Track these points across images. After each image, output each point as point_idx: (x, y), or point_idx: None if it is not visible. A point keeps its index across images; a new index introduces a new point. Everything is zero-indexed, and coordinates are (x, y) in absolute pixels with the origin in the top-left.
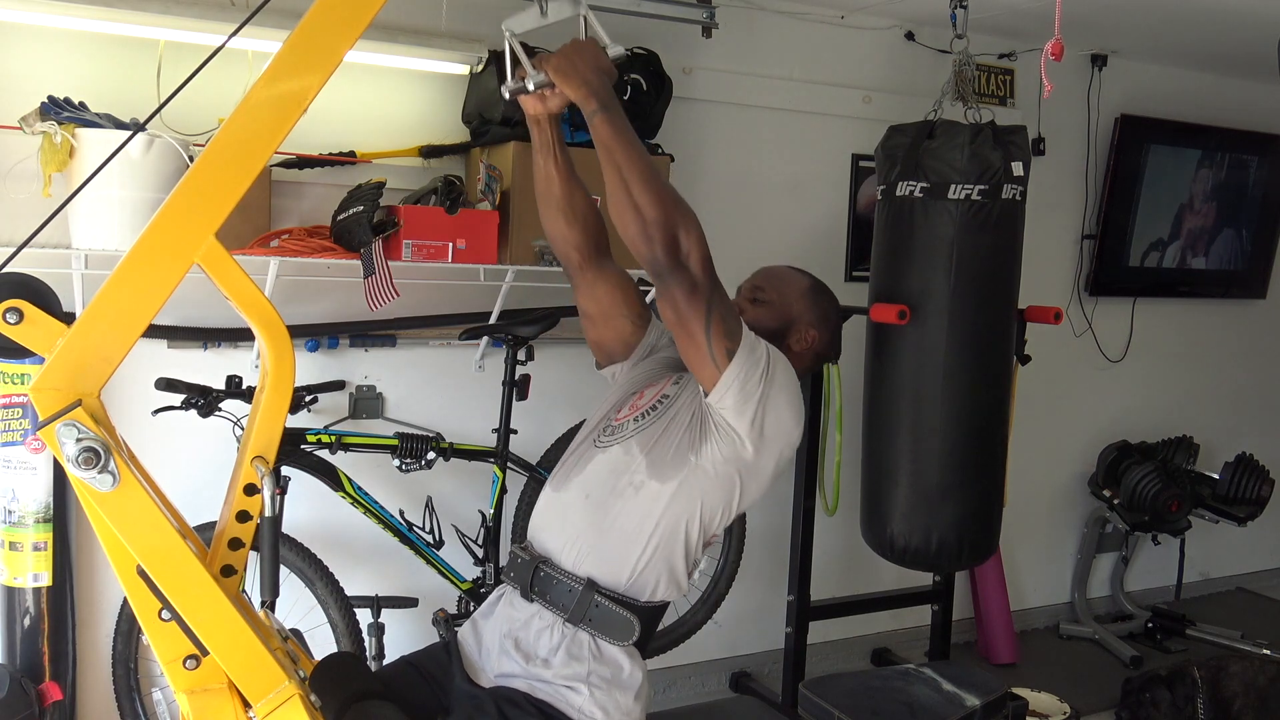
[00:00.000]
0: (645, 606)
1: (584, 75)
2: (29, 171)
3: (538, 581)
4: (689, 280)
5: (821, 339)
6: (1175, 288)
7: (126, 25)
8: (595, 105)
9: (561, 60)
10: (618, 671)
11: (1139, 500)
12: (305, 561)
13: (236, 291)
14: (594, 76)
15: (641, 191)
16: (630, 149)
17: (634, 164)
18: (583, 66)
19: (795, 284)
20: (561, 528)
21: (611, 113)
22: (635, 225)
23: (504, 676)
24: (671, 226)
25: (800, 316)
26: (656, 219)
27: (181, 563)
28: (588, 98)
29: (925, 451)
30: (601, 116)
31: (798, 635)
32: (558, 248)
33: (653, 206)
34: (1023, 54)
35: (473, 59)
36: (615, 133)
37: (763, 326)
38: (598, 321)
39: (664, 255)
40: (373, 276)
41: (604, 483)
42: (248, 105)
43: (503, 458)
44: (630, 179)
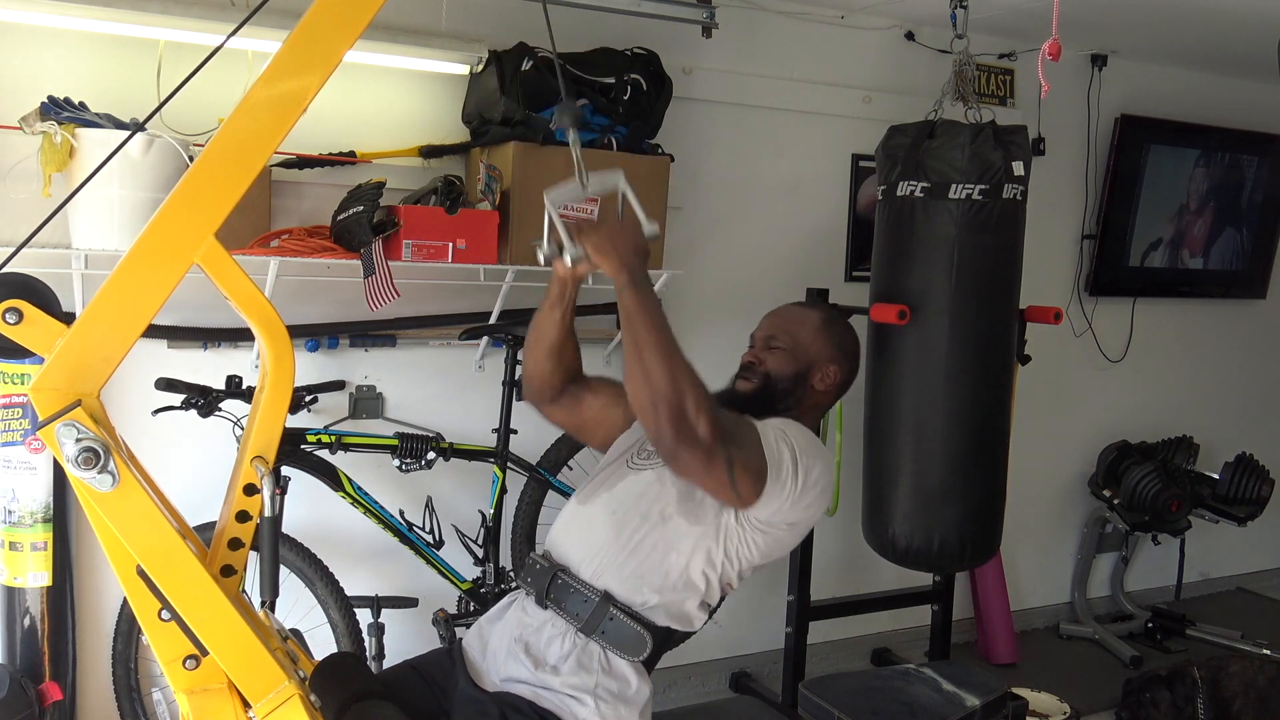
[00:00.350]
0: (659, 628)
1: (623, 257)
2: (29, 171)
3: (554, 589)
4: (701, 450)
5: (843, 371)
6: (1175, 288)
7: (126, 25)
8: (626, 281)
9: (601, 240)
10: (624, 686)
11: (1139, 500)
12: (305, 561)
13: (236, 291)
14: (632, 257)
15: (654, 362)
16: (652, 324)
17: (652, 338)
18: (622, 247)
19: (808, 323)
20: (584, 540)
21: (640, 290)
22: (644, 395)
23: (509, 680)
24: (678, 398)
25: (819, 355)
26: (662, 393)
27: (181, 563)
28: (620, 274)
29: (926, 452)
30: (630, 292)
31: (798, 635)
32: (532, 384)
33: (661, 380)
34: (1023, 54)
35: (473, 59)
36: (641, 309)
37: (785, 375)
38: (593, 428)
39: (669, 429)
40: (373, 276)
41: (633, 505)
42: (248, 105)
43: (503, 458)
44: (645, 350)
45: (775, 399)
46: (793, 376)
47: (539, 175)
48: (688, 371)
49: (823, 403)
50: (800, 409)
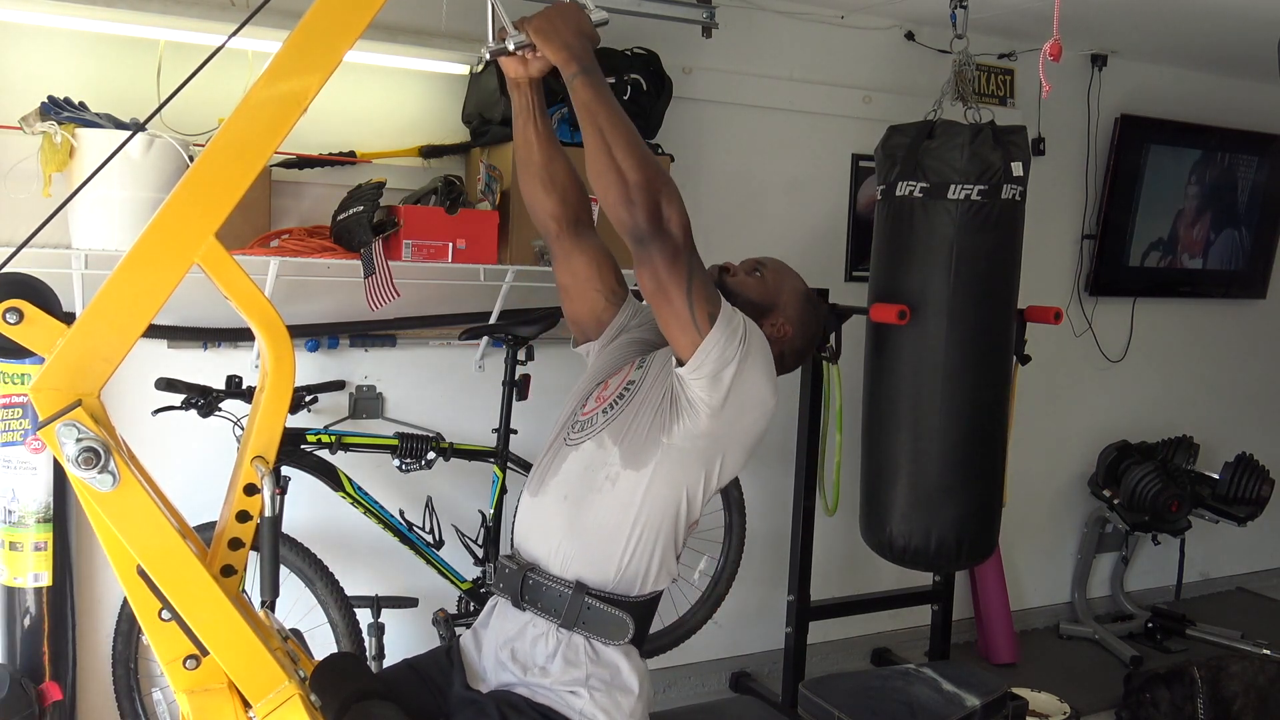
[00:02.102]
0: (638, 601)
1: (565, 37)
2: (29, 171)
3: (527, 590)
4: (671, 246)
5: (793, 341)
6: (1175, 288)
7: (126, 25)
8: (576, 68)
9: (542, 22)
10: (615, 672)
11: (1139, 500)
12: (305, 561)
13: (236, 291)
14: (575, 39)
15: (624, 155)
16: (612, 112)
17: (616, 127)
18: (564, 28)
19: (793, 281)
20: (545, 533)
21: (592, 76)
22: (617, 188)
23: (503, 685)
24: (653, 190)
25: (784, 307)
26: (639, 182)
27: (181, 563)
28: (568, 60)
29: (925, 451)
30: (582, 79)
31: (798, 635)
32: (536, 216)
33: (635, 170)
34: (1023, 54)
35: (473, 59)
36: (596, 96)
37: (747, 296)
38: (573, 295)
39: (645, 219)
40: (373, 276)
41: (580, 480)
42: (248, 105)
43: (503, 458)
44: (613, 141)
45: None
46: (752, 303)
47: None
48: (657, 163)
49: None
50: None
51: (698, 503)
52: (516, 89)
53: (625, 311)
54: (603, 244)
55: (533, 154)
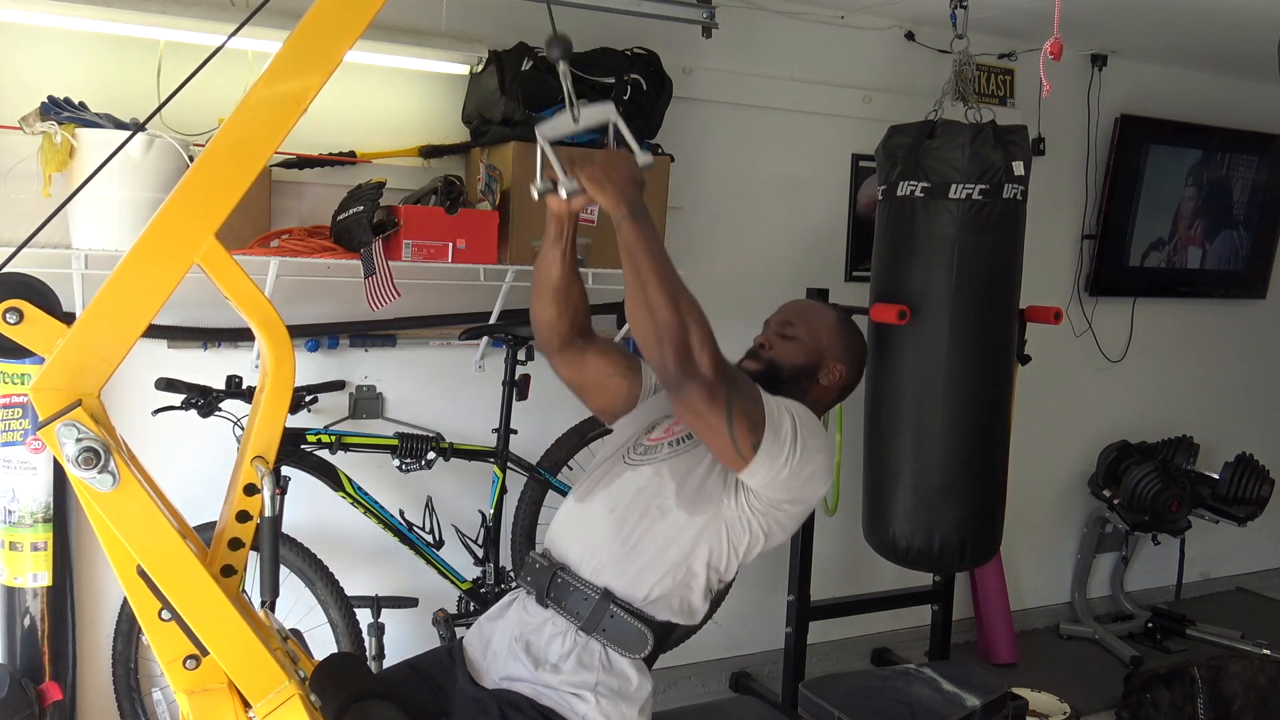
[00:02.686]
0: (660, 623)
1: (619, 186)
2: (29, 171)
3: (554, 588)
4: (704, 385)
5: (849, 373)
6: (1175, 288)
7: (126, 25)
8: (625, 212)
9: (596, 171)
10: (625, 684)
11: (1139, 500)
12: (305, 561)
13: (236, 291)
14: (628, 187)
15: (657, 295)
16: (653, 256)
17: (654, 270)
18: (617, 177)
19: (823, 319)
20: (584, 538)
21: (639, 221)
22: (647, 328)
23: (509, 679)
24: (682, 332)
25: (829, 351)
26: (668, 323)
27: (181, 563)
28: (618, 205)
29: (926, 452)
30: (630, 224)
31: (798, 635)
32: (540, 332)
33: (666, 311)
34: (1023, 54)
35: (473, 59)
36: (641, 239)
37: (792, 364)
38: (594, 389)
39: (673, 361)
40: (373, 276)
41: (631, 500)
42: (248, 105)
43: (503, 458)
44: (647, 281)
45: (779, 385)
46: (800, 368)
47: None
48: (692, 304)
49: (824, 399)
50: (803, 401)
51: (735, 566)
52: (556, 221)
53: (648, 374)
54: (599, 339)
55: (553, 278)
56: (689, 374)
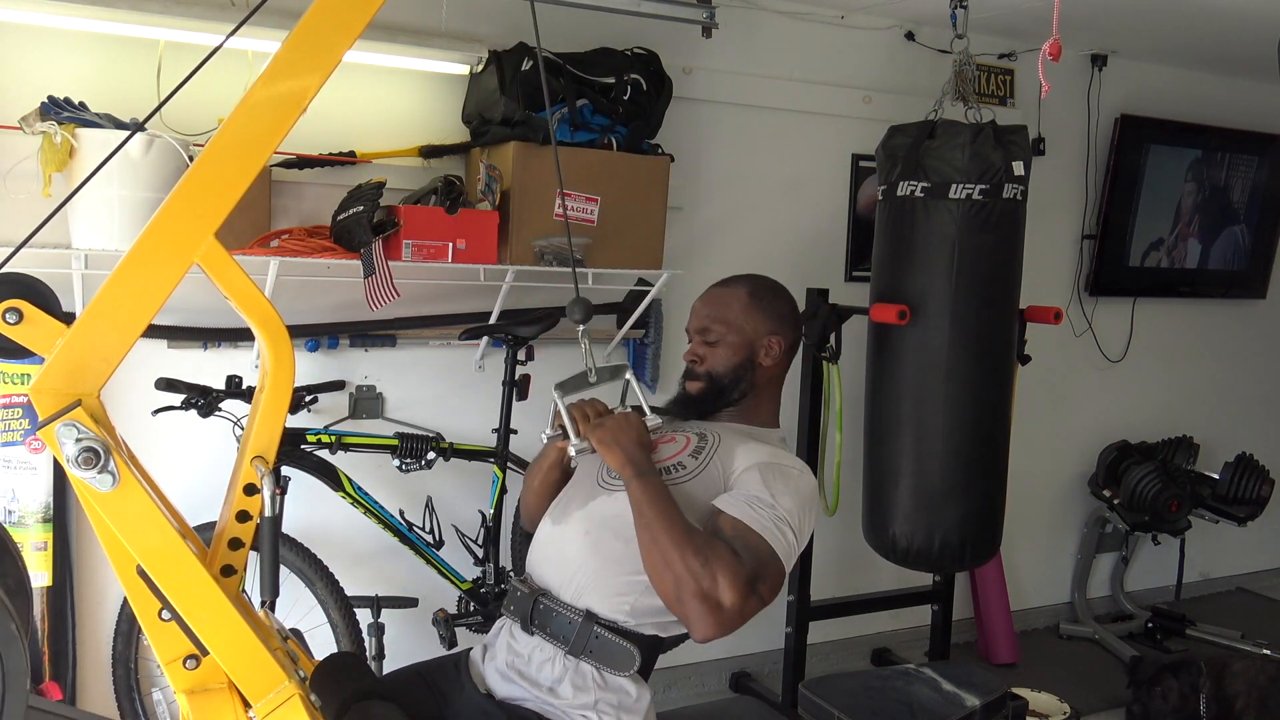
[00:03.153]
0: (648, 638)
1: (628, 451)
2: (29, 171)
3: (537, 614)
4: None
5: (786, 338)
6: (1175, 288)
7: (126, 25)
8: (632, 473)
9: (606, 435)
10: (625, 697)
11: (1139, 500)
12: (305, 561)
13: (236, 291)
14: (637, 451)
15: (670, 552)
16: (661, 515)
17: (664, 528)
18: (626, 442)
19: (735, 302)
20: (561, 562)
21: (647, 480)
22: (669, 585)
23: (513, 700)
24: (698, 583)
25: (755, 332)
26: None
27: (181, 563)
28: (625, 466)
29: (927, 452)
30: (638, 484)
31: (798, 635)
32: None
33: (680, 564)
34: (1023, 54)
35: (473, 59)
36: (648, 498)
37: (729, 365)
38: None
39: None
40: (373, 276)
41: (607, 525)
42: (248, 105)
43: (503, 458)
44: (660, 541)
45: (724, 392)
46: (736, 367)
47: (539, 175)
48: (700, 550)
49: (775, 373)
50: (755, 391)
51: None
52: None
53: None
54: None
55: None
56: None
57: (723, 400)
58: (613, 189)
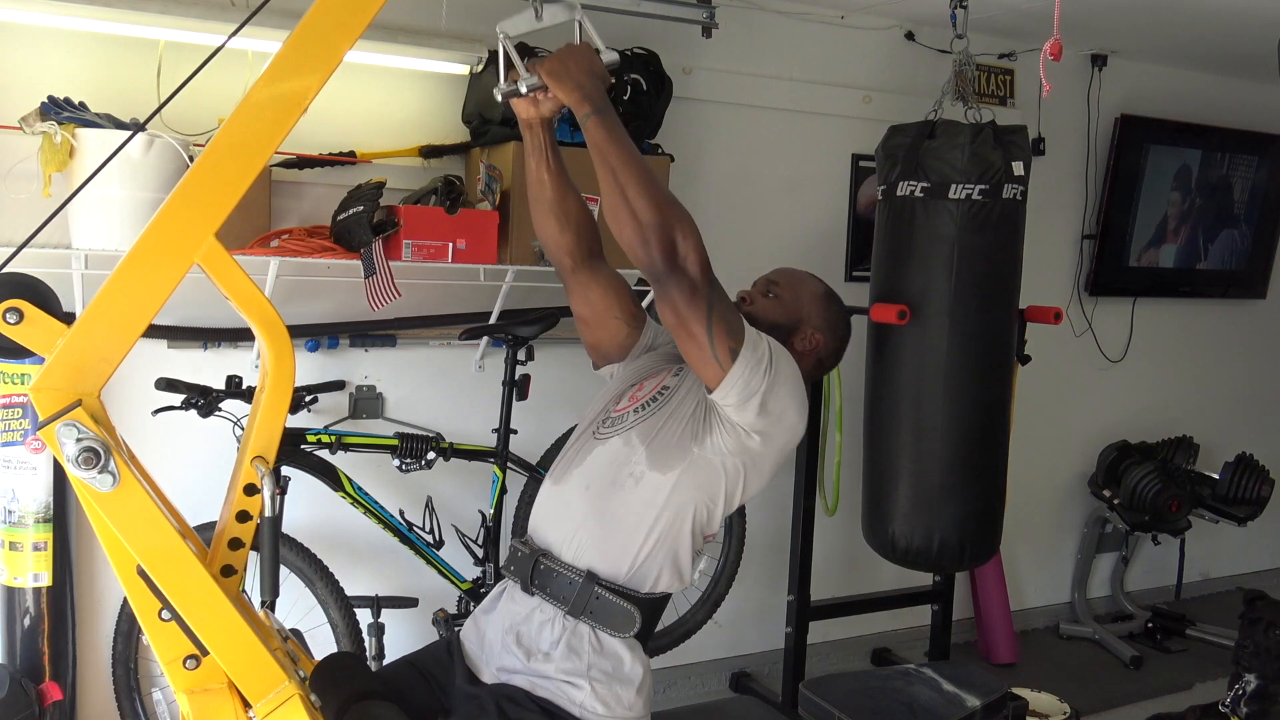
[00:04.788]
0: (646, 598)
1: (578, 79)
2: (29, 171)
3: (538, 575)
4: (688, 283)
5: (826, 345)
6: (1175, 288)
7: (126, 25)
8: (589, 109)
9: (555, 64)
10: (618, 665)
11: (1139, 500)
12: (305, 561)
13: (236, 291)
14: (588, 80)
15: (637, 195)
16: (625, 152)
17: (629, 167)
18: (576, 70)
19: (809, 286)
20: (562, 520)
21: (605, 116)
22: (631, 229)
23: (505, 671)
24: (668, 230)
25: (809, 318)
26: (653, 222)
27: (181, 563)
28: (581, 101)
29: (926, 452)
30: (595, 120)
31: (798, 635)
32: (550, 251)
33: (649, 210)
34: (1023, 54)
35: (473, 59)
36: (609, 136)
37: (770, 320)
38: (592, 324)
39: (661, 259)
40: (373, 276)
41: (604, 474)
42: (248, 105)
43: (503, 458)
44: (625, 183)
45: None
46: (776, 325)
47: None
48: (673, 200)
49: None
50: None
51: (717, 515)
52: (529, 129)
53: (649, 332)
54: (615, 272)
55: (545, 192)
56: (674, 269)
57: None
58: None
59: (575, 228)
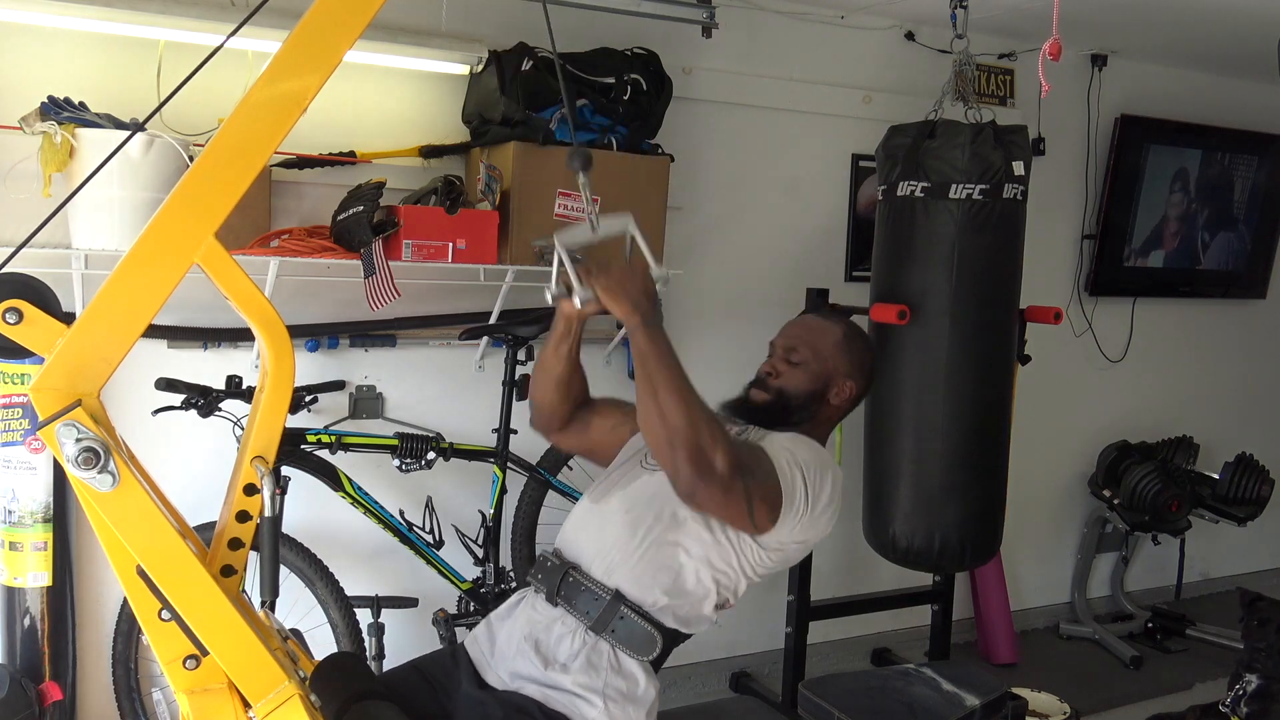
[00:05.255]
0: (669, 629)
1: (633, 299)
2: (29, 171)
3: (565, 587)
4: (719, 485)
5: (859, 388)
6: (1175, 288)
7: (126, 25)
8: (638, 322)
9: (611, 283)
10: (633, 686)
11: (1139, 500)
12: (305, 561)
13: (236, 291)
14: (642, 300)
15: (669, 400)
16: (664, 366)
17: (666, 378)
18: (632, 290)
19: (828, 337)
20: (597, 538)
21: (652, 330)
22: (660, 434)
23: (518, 678)
24: (694, 437)
25: (836, 371)
26: (680, 431)
27: (181, 563)
28: (631, 316)
29: (927, 452)
30: (643, 333)
31: (798, 635)
32: (541, 414)
33: (678, 419)
34: (1023, 54)
35: (473, 59)
36: (654, 350)
37: (802, 391)
38: (603, 450)
39: (689, 468)
40: (373, 276)
41: (649, 504)
42: (248, 105)
43: (503, 458)
44: (660, 389)
45: (789, 413)
46: (809, 394)
47: (539, 175)
48: (702, 408)
49: (835, 417)
50: (813, 423)
51: (743, 584)
52: (565, 321)
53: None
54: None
55: (559, 369)
56: (702, 477)
57: (782, 420)
58: (613, 189)
59: (573, 401)
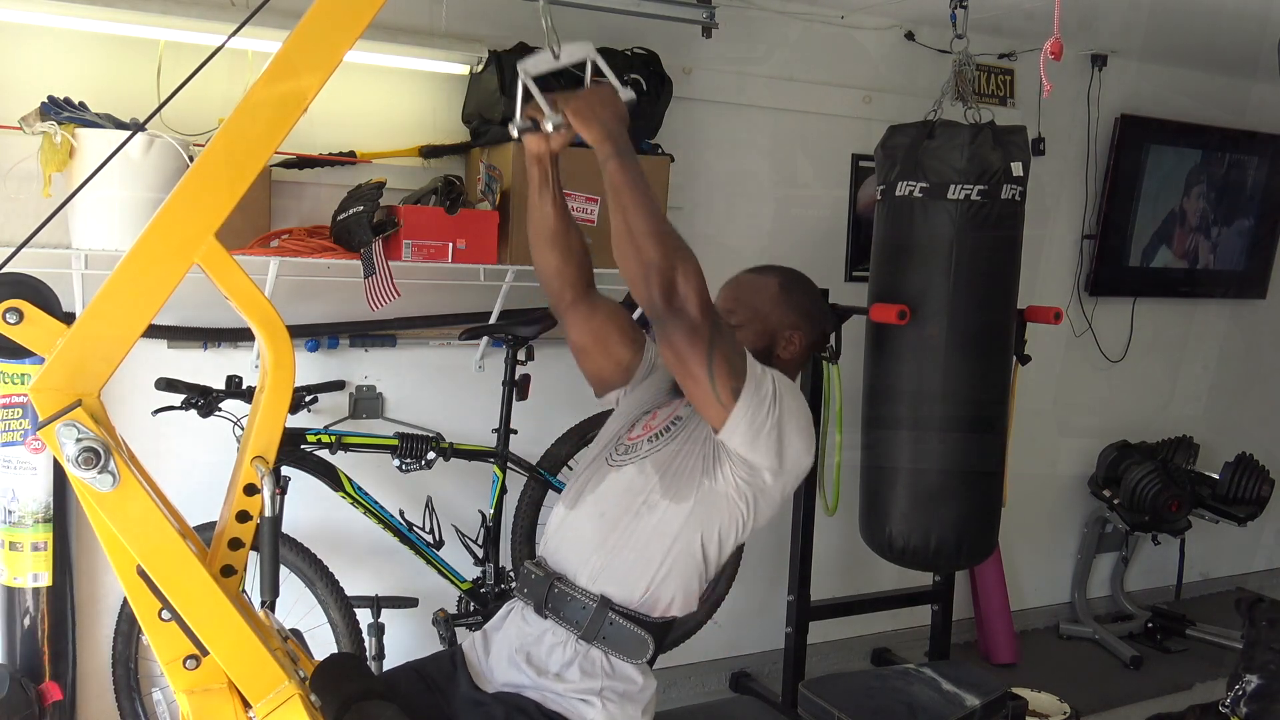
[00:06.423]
0: (658, 622)
1: (603, 120)
2: (29, 171)
3: (552, 598)
4: (686, 323)
5: (807, 336)
6: (1175, 288)
7: (126, 25)
8: (611, 149)
9: (581, 104)
10: (630, 685)
11: (1139, 500)
12: (305, 561)
13: (236, 291)
14: (614, 122)
15: (644, 234)
16: (639, 194)
17: (640, 208)
18: (602, 112)
19: (764, 290)
20: (576, 546)
21: (625, 159)
22: (635, 267)
23: (513, 686)
24: (669, 270)
25: (779, 323)
26: (655, 262)
27: (181, 563)
28: (604, 141)
29: (925, 452)
30: (616, 162)
31: (798, 635)
32: (550, 285)
33: (653, 249)
34: (1023, 54)
35: (473, 59)
36: (627, 178)
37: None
38: (594, 353)
39: (660, 299)
40: (373, 276)
41: (618, 501)
42: (248, 105)
43: (503, 458)
44: (634, 222)
45: None
46: (756, 351)
47: None
48: (679, 242)
49: (790, 370)
50: None
51: (729, 544)
52: (537, 163)
53: (649, 351)
54: (609, 299)
55: (549, 224)
56: (674, 309)
57: None
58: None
59: (576, 260)
